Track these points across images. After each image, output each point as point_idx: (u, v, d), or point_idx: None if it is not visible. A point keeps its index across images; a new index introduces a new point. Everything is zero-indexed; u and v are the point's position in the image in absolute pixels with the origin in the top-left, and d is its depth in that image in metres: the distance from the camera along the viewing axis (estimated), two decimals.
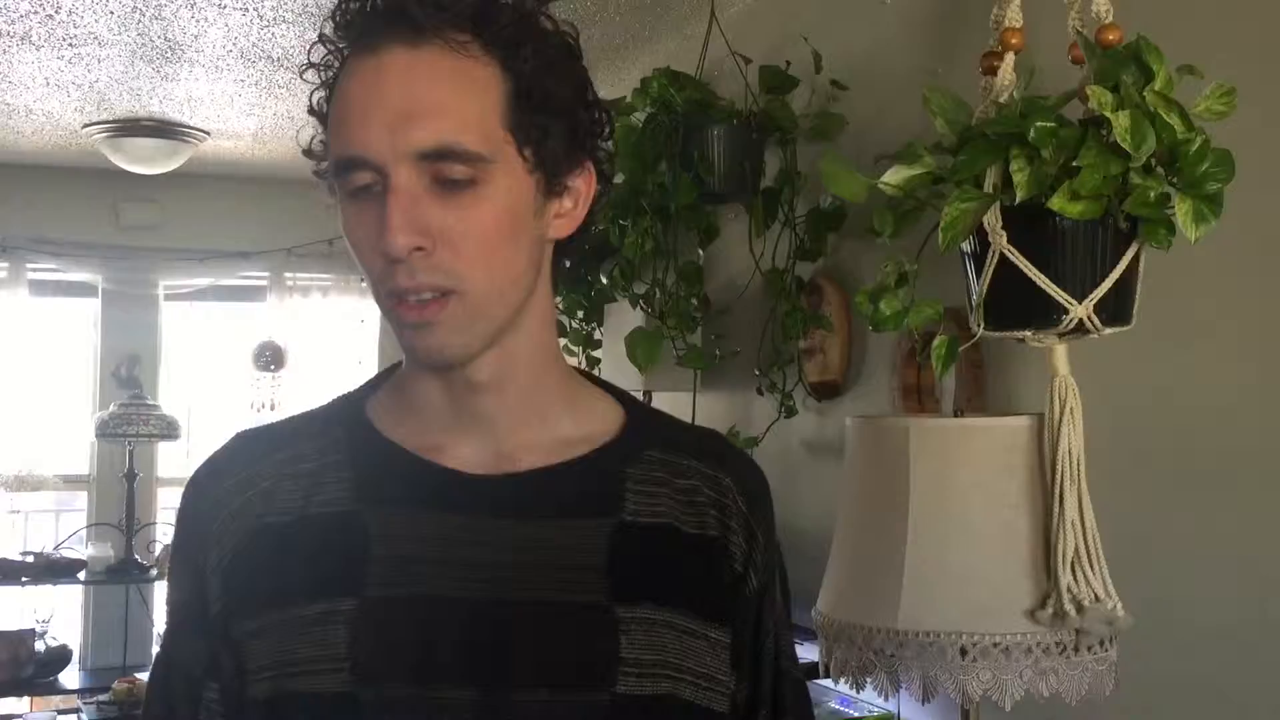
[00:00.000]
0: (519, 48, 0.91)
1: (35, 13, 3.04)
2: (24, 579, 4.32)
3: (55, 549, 4.54)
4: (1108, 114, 1.34)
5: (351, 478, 0.96)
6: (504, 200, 0.90)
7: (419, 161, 0.87)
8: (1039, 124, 1.37)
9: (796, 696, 1.06)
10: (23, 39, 3.24)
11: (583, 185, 0.97)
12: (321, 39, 0.93)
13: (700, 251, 2.71)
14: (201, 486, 0.99)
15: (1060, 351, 1.49)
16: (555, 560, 0.94)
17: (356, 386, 1.04)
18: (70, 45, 3.30)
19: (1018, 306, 1.46)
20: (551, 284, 1.00)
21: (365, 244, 0.90)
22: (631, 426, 1.03)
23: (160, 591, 4.77)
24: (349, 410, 1.02)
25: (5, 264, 4.90)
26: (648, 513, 0.98)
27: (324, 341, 5.24)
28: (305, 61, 0.94)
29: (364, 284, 0.95)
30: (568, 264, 3.17)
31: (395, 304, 0.90)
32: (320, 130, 0.95)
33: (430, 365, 0.94)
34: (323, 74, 0.94)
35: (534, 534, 0.94)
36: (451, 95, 0.88)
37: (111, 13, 3.03)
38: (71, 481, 5.02)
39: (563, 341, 3.15)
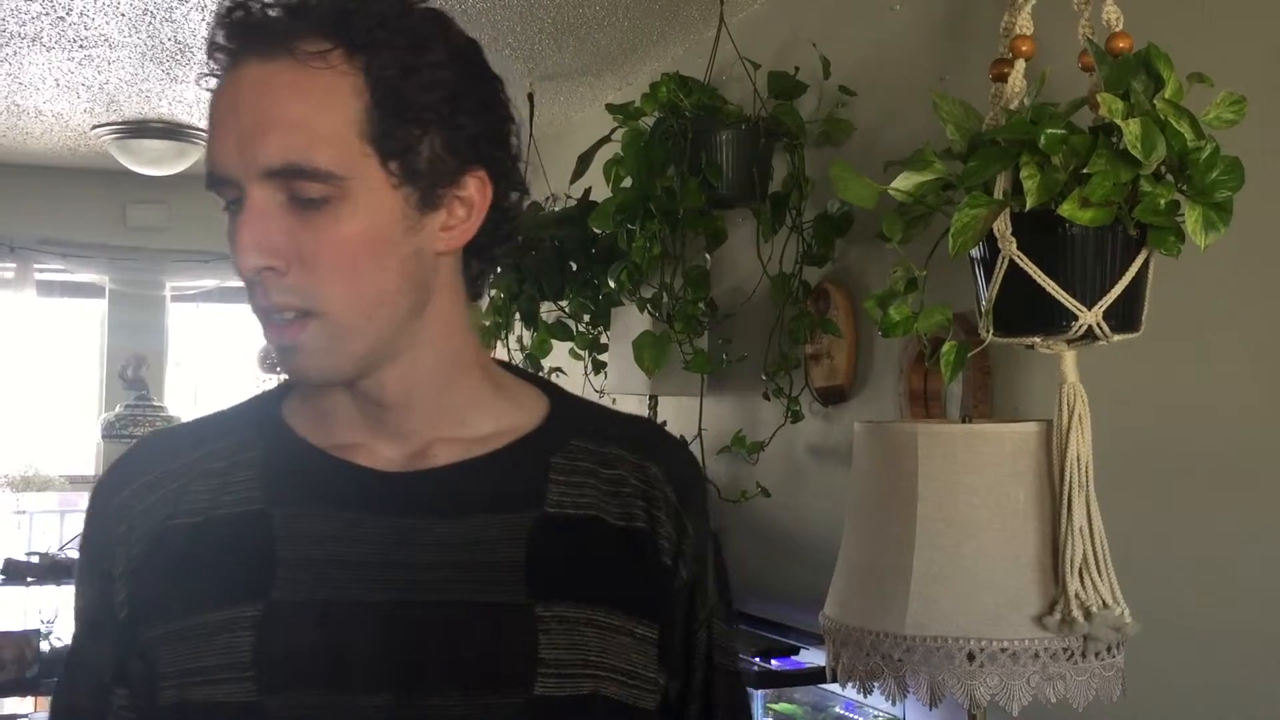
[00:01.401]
0: (378, 56, 0.86)
1: (46, 14, 3.05)
2: (29, 579, 4.32)
3: (60, 549, 4.54)
4: (1118, 121, 1.35)
5: (261, 477, 0.93)
6: (364, 218, 0.86)
7: (270, 179, 0.85)
8: (1049, 131, 1.37)
9: (730, 690, 1.02)
10: (33, 40, 3.25)
11: (475, 194, 0.91)
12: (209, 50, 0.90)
13: (707, 256, 2.71)
14: (108, 489, 0.96)
15: (1069, 358, 1.49)
16: (473, 558, 0.91)
17: (273, 385, 1.02)
18: (80, 47, 3.31)
19: (1027, 313, 1.46)
20: (464, 290, 0.96)
21: None
22: (556, 416, 0.99)
23: None
24: (263, 409, 0.99)
25: (13, 264, 4.92)
26: (572, 504, 0.94)
27: None
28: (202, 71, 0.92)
29: None
30: (574, 268, 3.13)
31: (262, 322, 0.89)
32: None
33: (301, 384, 0.93)
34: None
35: (450, 531, 0.91)
36: (301, 111, 0.85)
37: (122, 15, 3.04)
38: (77, 482, 5.03)
39: (569, 345, 3.16)
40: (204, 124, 0.87)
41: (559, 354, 3.26)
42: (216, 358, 5.50)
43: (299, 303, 0.86)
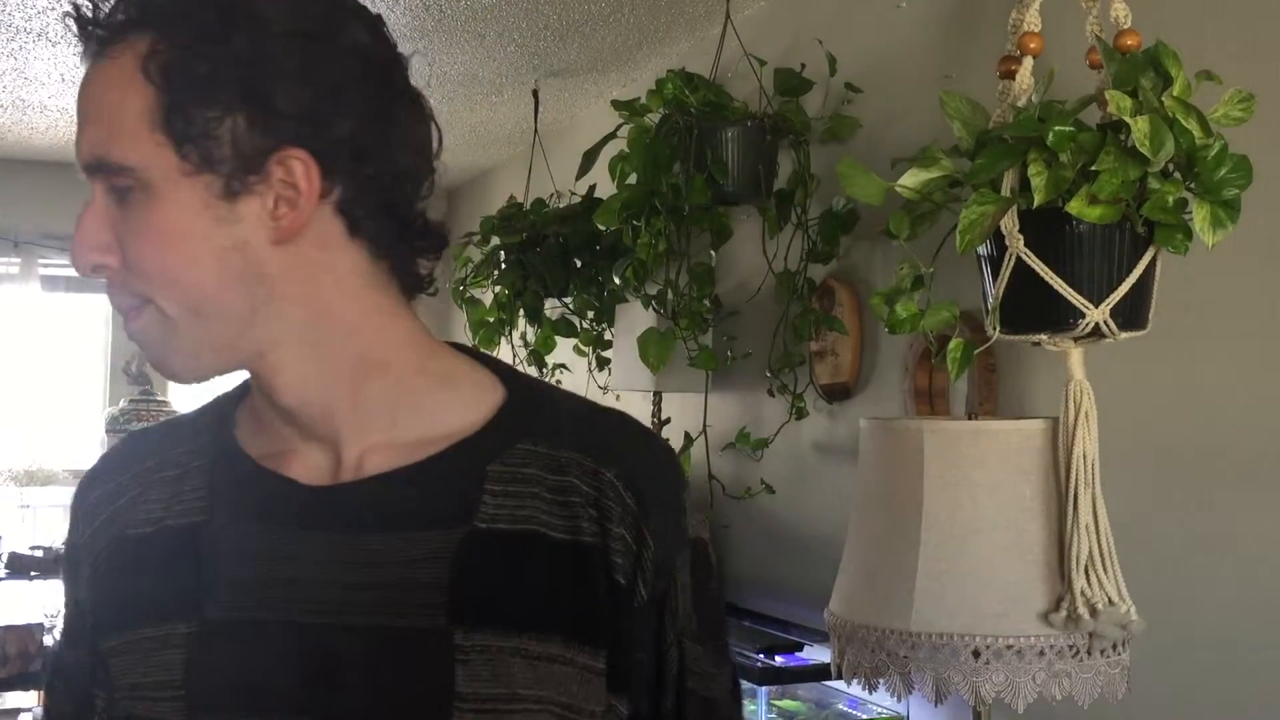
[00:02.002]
0: (167, 38, 0.82)
1: (52, 9, 3.05)
2: (32, 574, 4.32)
3: (64, 544, 4.54)
4: (1126, 118, 1.35)
5: (207, 487, 0.90)
6: (166, 211, 0.82)
7: (93, 176, 0.84)
8: (1057, 128, 1.37)
9: (704, 716, 0.92)
10: (39, 35, 3.25)
11: (299, 177, 0.83)
12: None
13: (713, 253, 2.72)
14: (79, 495, 0.96)
15: (1076, 355, 1.49)
16: (394, 578, 0.85)
17: (236, 385, 0.98)
18: None
19: (1034, 310, 1.47)
20: (373, 283, 0.88)
21: None
22: (504, 415, 0.90)
23: None
24: (219, 413, 0.96)
25: (17, 259, 4.92)
26: (508, 518, 0.86)
27: None
28: None
29: None
30: (579, 264, 3.10)
31: None
32: None
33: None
34: None
35: (376, 549, 0.85)
36: (102, 105, 0.83)
37: None
38: (81, 477, 5.03)
39: (573, 342, 3.16)
40: None
41: (563, 351, 3.26)
42: None
43: (130, 300, 0.85)
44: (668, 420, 2.89)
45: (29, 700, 4.46)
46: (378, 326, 0.89)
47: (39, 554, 4.37)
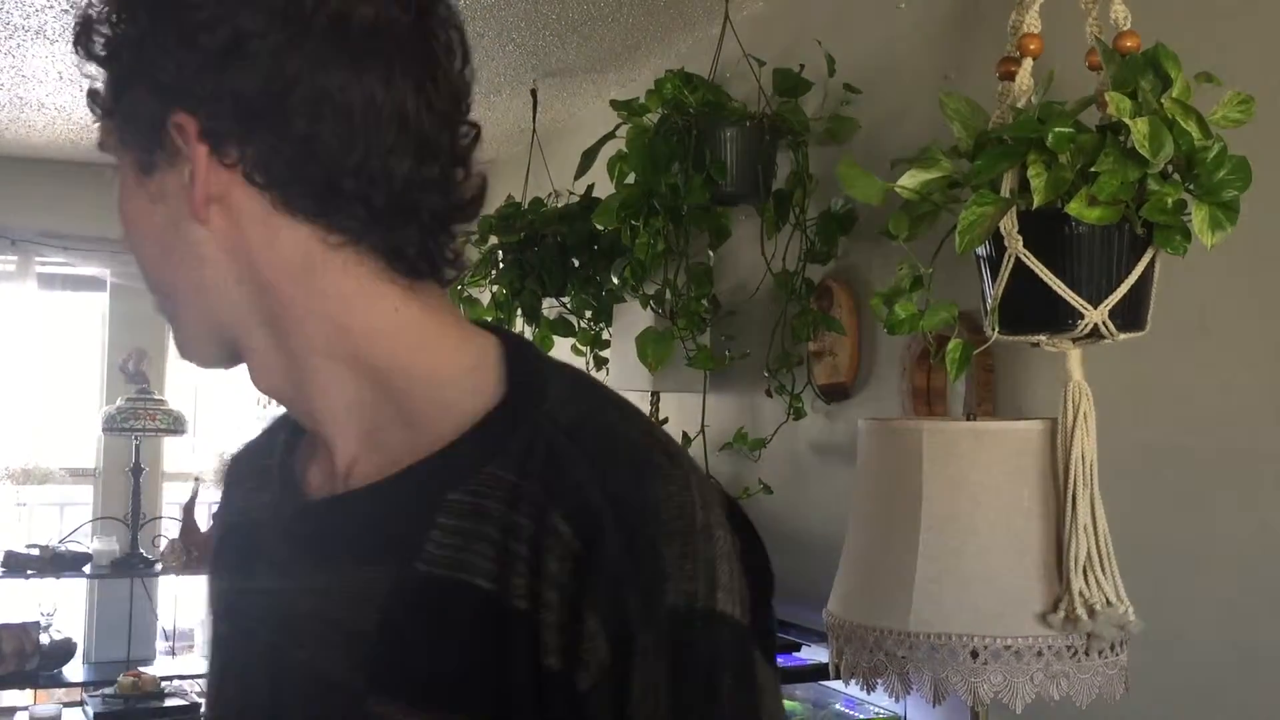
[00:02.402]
0: (106, 22, 0.79)
1: (50, 7, 3.05)
2: (29, 572, 4.32)
3: (60, 542, 4.54)
4: (1126, 120, 1.35)
5: (278, 482, 0.86)
6: (120, 189, 0.82)
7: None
8: (1057, 129, 1.38)
9: None
10: (37, 33, 3.25)
11: (194, 150, 0.75)
12: None
13: (711, 253, 2.71)
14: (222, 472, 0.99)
15: (1074, 356, 1.49)
16: (332, 616, 0.75)
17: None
18: None
19: (1032, 311, 1.47)
20: (336, 266, 0.76)
21: None
22: (485, 427, 0.74)
23: (164, 586, 4.79)
24: None
25: (14, 257, 4.91)
26: (447, 562, 0.71)
27: None
28: None
29: None
30: (577, 264, 3.08)
31: None
32: None
33: None
34: None
35: (328, 576, 0.77)
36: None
37: None
38: (77, 475, 5.03)
39: (570, 341, 3.16)
40: None
41: (561, 350, 3.26)
42: None
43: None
44: (665, 420, 2.89)
45: (25, 698, 4.45)
46: (342, 312, 0.77)
47: (35, 552, 4.37)
